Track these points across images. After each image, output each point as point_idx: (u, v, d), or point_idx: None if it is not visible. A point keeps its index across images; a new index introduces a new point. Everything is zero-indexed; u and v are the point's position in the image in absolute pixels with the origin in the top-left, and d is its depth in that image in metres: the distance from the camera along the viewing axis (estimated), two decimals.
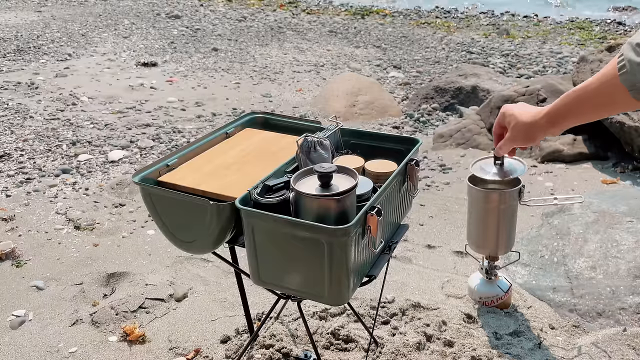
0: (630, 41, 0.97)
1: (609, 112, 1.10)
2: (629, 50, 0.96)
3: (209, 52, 6.45)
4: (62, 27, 7.43)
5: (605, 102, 1.04)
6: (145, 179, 1.34)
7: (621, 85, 0.98)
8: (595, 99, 1.06)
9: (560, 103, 1.14)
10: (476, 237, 2.04)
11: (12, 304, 2.24)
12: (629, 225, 2.49)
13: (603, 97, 1.04)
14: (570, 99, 1.11)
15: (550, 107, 1.17)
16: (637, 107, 1.02)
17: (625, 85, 0.97)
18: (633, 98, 0.98)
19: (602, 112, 1.09)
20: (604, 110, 1.09)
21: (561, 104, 1.14)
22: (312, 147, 1.36)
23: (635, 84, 0.96)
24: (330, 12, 9.03)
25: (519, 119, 1.27)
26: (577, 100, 1.10)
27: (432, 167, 3.53)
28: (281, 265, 1.20)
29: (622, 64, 0.97)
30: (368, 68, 5.94)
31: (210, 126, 4.26)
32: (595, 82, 1.04)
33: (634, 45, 0.95)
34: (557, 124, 1.18)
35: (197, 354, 1.94)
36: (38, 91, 4.95)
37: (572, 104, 1.11)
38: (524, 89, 3.96)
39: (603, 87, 1.03)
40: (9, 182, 3.29)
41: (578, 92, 1.09)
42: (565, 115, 1.14)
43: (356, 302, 2.13)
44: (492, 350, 1.89)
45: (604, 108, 1.07)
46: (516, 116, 1.28)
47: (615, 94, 1.00)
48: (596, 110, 1.08)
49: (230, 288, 2.30)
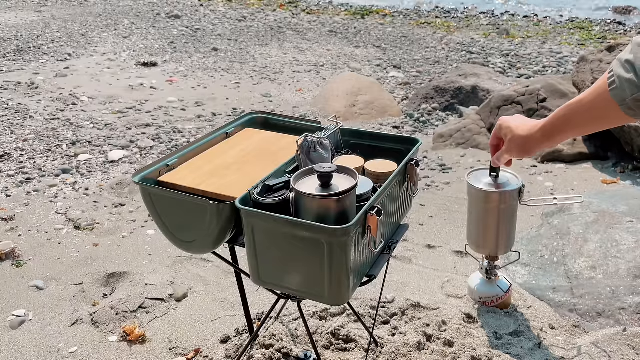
0: (619, 57, 0.99)
1: (603, 126, 1.11)
2: (618, 66, 0.98)
3: (209, 52, 6.45)
4: (62, 27, 7.43)
5: (599, 115, 1.06)
6: (145, 179, 1.34)
7: (612, 100, 0.99)
8: (589, 113, 1.07)
9: (555, 117, 1.15)
10: (476, 237, 2.04)
11: (12, 304, 2.24)
12: (629, 225, 2.49)
13: (596, 111, 1.05)
14: (565, 113, 1.13)
15: (546, 121, 1.19)
16: (629, 122, 1.03)
17: (615, 101, 0.99)
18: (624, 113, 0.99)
19: (596, 126, 1.11)
20: (598, 124, 1.10)
21: (556, 118, 1.15)
22: (312, 147, 1.36)
23: (624, 99, 0.97)
24: (330, 12, 9.03)
25: (515, 133, 1.29)
26: (571, 114, 1.11)
27: (432, 167, 3.53)
28: (281, 265, 1.20)
29: (612, 79, 0.99)
30: (368, 68, 5.94)
31: (210, 126, 4.26)
32: (588, 96, 1.06)
33: (623, 61, 0.97)
34: (553, 138, 1.19)
35: (197, 354, 1.94)
36: (38, 91, 4.95)
37: (567, 118, 1.13)
38: (524, 89, 3.96)
39: (596, 101, 1.04)
40: (9, 182, 3.29)
41: (572, 107, 1.10)
42: (561, 129, 1.16)
43: (356, 302, 2.13)
44: (492, 350, 1.89)
45: (598, 122, 1.09)
46: (512, 129, 1.30)
47: (608, 109, 1.01)
48: (590, 124, 1.10)
49: (230, 288, 2.30)
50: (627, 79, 0.96)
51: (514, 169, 1.94)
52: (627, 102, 0.97)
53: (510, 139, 1.31)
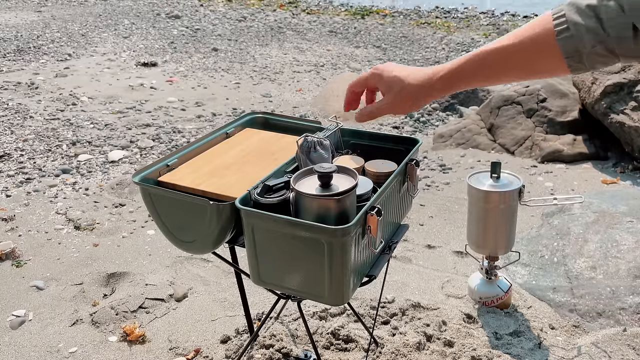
0: (573, 1, 0.86)
1: (527, 77, 1.00)
2: (573, 11, 0.85)
3: (209, 52, 6.45)
4: (62, 27, 7.43)
5: (528, 64, 0.93)
6: (145, 179, 1.34)
7: (554, 49, 0.87)
8: (512, 63, 0.94)
9: (467, 64, 1.00)
10: (476, 237, 2.04)
11: (12, 304, 2.24)
12: (629, 225, 2.49)
13: (525, 61, 0.93)
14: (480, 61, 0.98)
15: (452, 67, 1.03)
16: (561, 75, 0.92)
17: (563, 50, 0.87)
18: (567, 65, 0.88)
19: (518, 75, 0.99)
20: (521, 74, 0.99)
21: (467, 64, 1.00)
22: (312, 147, 1.36)
23: (579, 50, 0.85)
24: (330, 12, 9.03)
25: (406, 82, 1.09)
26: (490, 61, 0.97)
27: (432, 167, 3.53)
28: (281, 265, 1.20)
29: (564, 26, 0.86)
30: (368, 68, 5.93)
31: (210, 126, 4.26)
32: (517, 44, 0.92)
33: (583, 6, 0.85)
34: (456, 86, 1.05)
35: (197, 354, 1.94)
36: (38, 91, 4.95)
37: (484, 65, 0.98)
38: (524, 89, 3.96)
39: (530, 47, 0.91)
40: (9, 182, 3.29)
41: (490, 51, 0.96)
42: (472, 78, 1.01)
43: (356, 302, 2.13)
44: (492, 350, 1.89)
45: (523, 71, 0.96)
46: (402, 79, 1.09)
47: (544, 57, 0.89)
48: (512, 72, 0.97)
49: (230, 288, 2.30)
50: (589, 28, 0.84)
51: (514, 169, 1.94)
52: (581, 54, 0.86)
53: (400, 91, 1.10)
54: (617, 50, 0.85)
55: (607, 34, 0.84)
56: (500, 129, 3.85)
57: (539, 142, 3.64)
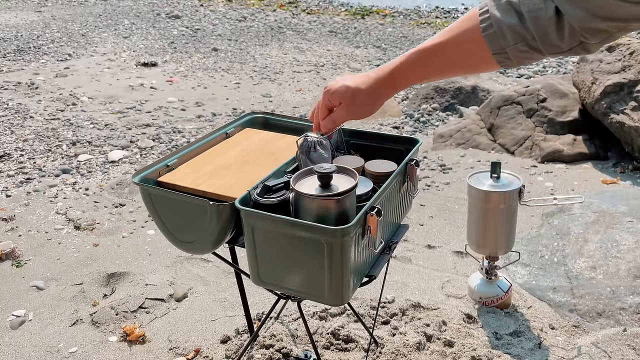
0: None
1: (463, 73, 1.02)
2: (494, 7, 0.84)
3: (209, 52, 6.45)
4: (62, 27, 7.43)
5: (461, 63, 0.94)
6: (145, 179, 1.34)
7: (484, 46, 0.87)
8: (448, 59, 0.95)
9: (412, 61, 1.01)
10: (476, 237, 2.04)
11: (12, 304, 2.24)
12: (629, 225, 2.49)
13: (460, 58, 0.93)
14: (419, 60, 1.00)
15: (398, 65, 1.05)
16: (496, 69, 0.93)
17: (490, 47, 0.86)
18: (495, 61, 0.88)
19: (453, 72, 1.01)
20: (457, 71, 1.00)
21: (408, 66, 1.02)
22: (312, 147, 1.36)
23: (503, 47, 0.85)
24: (330, 12, 9.02)
25: (357, 88, 1.12)
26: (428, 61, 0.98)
27: (432, 167, 3.53)
28: (281, 265, 1.20)
29: (488, 22, 0.85)
30: (368, 68, 5.93)
31: (210, 126, 4.26)
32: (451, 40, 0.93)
33: (503, 2, 0.83)
34: (401, 87, 1.08)
35: (197, 354, 1.94)
36: (38, 91, 4.95)
37: (424, 66, 1.00)
38: (524, 89, 3.96)
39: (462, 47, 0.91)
40: (9, 182, 3.29)
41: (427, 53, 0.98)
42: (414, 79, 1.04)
43: (356, 302, 2.13)
44: (492, 350, 1.89)
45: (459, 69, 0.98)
46: (352, 87, 1.13)
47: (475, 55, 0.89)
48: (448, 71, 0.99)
49: (230, 288, 2.30)
50: (509, 25, 0.82)
51: (514, 169, 1.94)
52: (505, 51, 0.85)
53: (354, 98, 1.13)
54: (541, 46, 0.83)
55: (527, 30, 0.82)
56: (500, 129, 3.85)
57: (539, 142, 3.64)
